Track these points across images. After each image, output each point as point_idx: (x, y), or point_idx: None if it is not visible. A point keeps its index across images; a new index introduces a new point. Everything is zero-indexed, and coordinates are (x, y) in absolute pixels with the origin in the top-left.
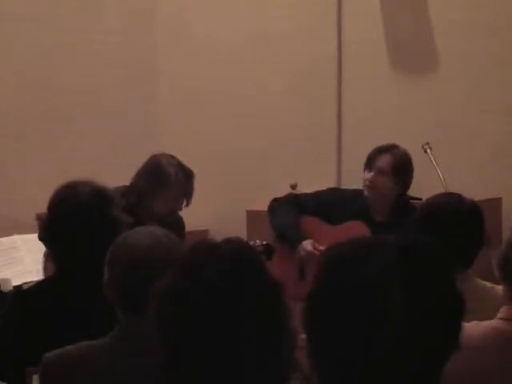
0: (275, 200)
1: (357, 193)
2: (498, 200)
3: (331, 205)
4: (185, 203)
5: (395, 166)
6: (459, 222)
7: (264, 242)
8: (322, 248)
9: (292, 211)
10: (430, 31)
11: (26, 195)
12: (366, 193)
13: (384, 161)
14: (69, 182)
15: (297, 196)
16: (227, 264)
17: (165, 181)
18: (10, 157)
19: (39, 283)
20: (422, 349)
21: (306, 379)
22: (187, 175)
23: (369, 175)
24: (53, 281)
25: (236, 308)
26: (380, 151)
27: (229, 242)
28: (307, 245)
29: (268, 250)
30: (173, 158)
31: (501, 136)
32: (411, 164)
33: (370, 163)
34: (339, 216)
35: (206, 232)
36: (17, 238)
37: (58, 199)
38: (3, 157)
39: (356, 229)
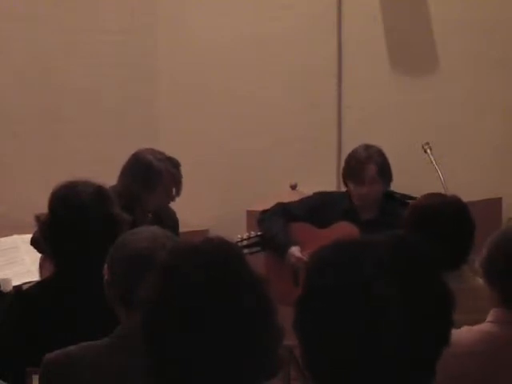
0: (264, 212)
1: (342, 194)
2: (498, 200)
3: (319, 209)
4: (175, 193)
5: (380, 171)
6: (447, 223)
7: (258, 233)
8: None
9: (280, 220)
10: (430, 31)
11: (26, 195)
12: (357, 203)
13: (371, 171)
14: (68, 182)
15: (284, 205)
16: (208, 262)
17: (158, 178)
18: (10, 156)
19: (39, 283)
20: (421, 347)
21: (306, 379)
22: (175, 165)
23: (362, 190)
24: (52, 281)
25: (220, 305)
26: (362, 162)
27: (208, 241)
28: (295, 251)
29: (263, 241)
30: (157, 152)
31: (501, 136)
32: (386, 157)
33: (356, 177)
34: (328, 219)
35: (206, 232)
36: (17, 237)
37: (58, 199)
38: (3, 156)
39: (344, 229)
